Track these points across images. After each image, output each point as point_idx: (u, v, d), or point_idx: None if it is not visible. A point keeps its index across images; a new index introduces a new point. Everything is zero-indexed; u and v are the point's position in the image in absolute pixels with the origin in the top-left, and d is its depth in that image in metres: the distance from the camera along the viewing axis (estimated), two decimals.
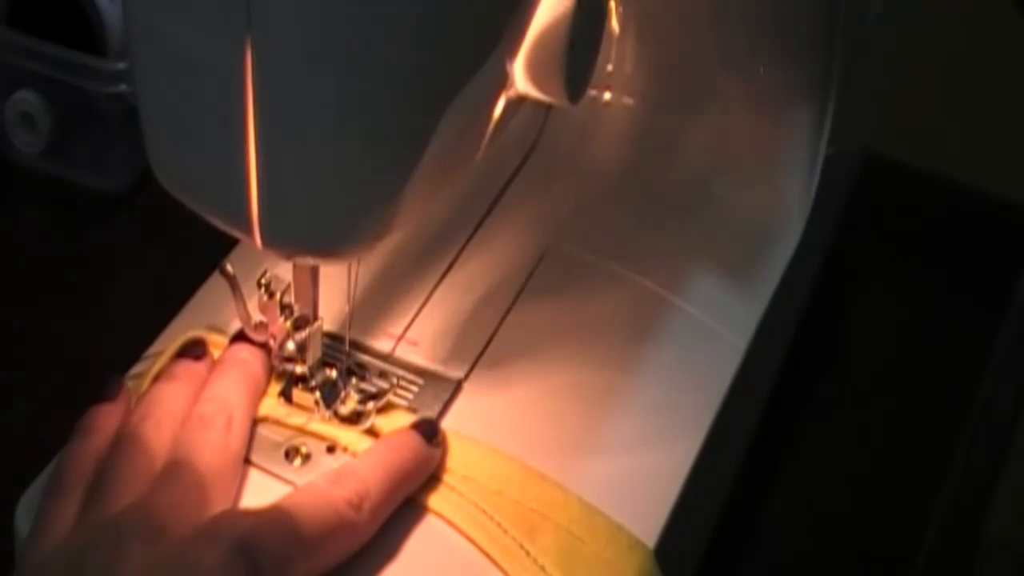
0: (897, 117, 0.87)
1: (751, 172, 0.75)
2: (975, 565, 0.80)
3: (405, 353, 0.65)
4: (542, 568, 0.57)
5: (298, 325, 0.61)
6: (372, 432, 0.61)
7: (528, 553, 0.57)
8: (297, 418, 0.61)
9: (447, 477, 0.60)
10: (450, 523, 0.59)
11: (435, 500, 0.59)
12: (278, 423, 0.61)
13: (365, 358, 0.65)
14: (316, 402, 0.61)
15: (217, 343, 0.63)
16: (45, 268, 0.84)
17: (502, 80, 0.56)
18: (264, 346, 0.62)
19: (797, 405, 0.82)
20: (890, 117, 0.84)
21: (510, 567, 0.57)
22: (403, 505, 0.59)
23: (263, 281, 0.61)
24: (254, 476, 0.60)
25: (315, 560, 0.54)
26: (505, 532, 0.58)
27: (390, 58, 0.49)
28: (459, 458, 0.61)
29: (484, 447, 0.61)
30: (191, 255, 0.65)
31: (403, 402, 0.63)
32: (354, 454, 0.60)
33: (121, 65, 0.83)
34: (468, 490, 0.59)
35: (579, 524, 0.59)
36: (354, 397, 0.62)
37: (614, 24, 0.74)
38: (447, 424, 0.63)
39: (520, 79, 0.57)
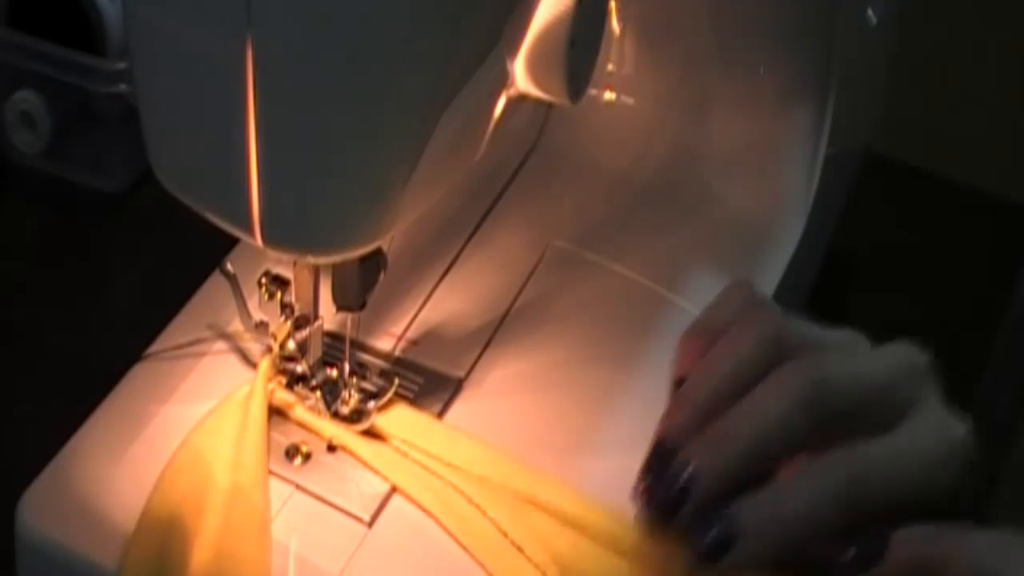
0: (897, 117, 0.87)
1: (751, 172, 0.75)
2: None
3: (406, 352, 0.65)
4: (520, 550, 0.57)
5: (299, 324, 0.61)
6: (372, 431, 0.61)
7: (506, 534, 0.58)
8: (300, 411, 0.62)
9: (431, 464, 0.60)
10: (428, 513, 0.59)
11: (414, 488, 0.59)
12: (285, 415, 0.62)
13: (366, 357, 0.65)
14: (317, 401, 0.61)
15: None
16: (45, 268, 0.84)
17: (503, 79, 0.56)
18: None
19: None
20: (890, 117, 0.84)
21: (484, 553, 0.57)
22: (387, 496, 0.59)
23: (263, 280, 0.61)
24: None
25: None
26: (484, 514, 0.58)
27: (391, 56, 0.49)
28: (445, 446, 0.61)
29: (470, 437, 0.61)
30: (191, 255, 0.65)
31: (404, 401, 0.63)
32: (353, 453, 0.61)
33: (121, 65, 0.83)
34: (450, 475, 0.60)
35: (566, 505, 0.59)
36: (355, 396, 0.62)
37: (614, 24, 0.74)
38: (447, 423, 0.63)
39: (521, 78, 0.57)
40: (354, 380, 0.62)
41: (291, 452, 0.61)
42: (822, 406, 0.49)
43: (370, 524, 0.59)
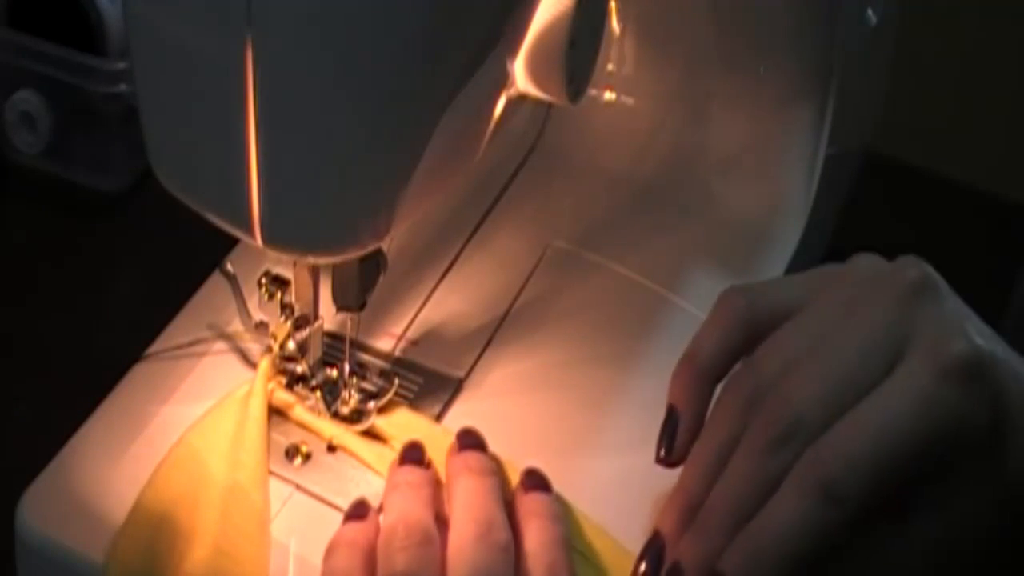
0: (897, 117, 0.87)
1: (751, 172, 0.75)
2: None
3: (406, 352, 0.65)
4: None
5: (299, 325, 0.61)
6: (372, 432, 0.61)
7: None
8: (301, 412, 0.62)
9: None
10: None
11: None
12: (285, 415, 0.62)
13: (366, 357, 0.65)
14: (317, 401, 0.61)
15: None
16: (45, 268, 0.84)
17: (503, 79, 0.56)
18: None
19: None
20: (890, 117, 0.84)
21: None
22: None
23: (263, 280, 0.61)
24: None
25: None
26: None
27: (391, 58, 0.49)
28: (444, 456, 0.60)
29: None
30: (191, 255, 0.65)
31: (403, 401, 0.63)
32: (353, 453, 0.61)
33: (121, 65, 0.83)
34: None
35: (578, 538, 0.58)
36: (355, 396, 0.62)
37: (614, 24, 0.74)
38: (447, 423, 0.63)
39: (520, 78, 0.57)
40: (354, 380, 0.62)
41: (291, 452, 0.61)
42: (791, 441, 0.49)
43: None
